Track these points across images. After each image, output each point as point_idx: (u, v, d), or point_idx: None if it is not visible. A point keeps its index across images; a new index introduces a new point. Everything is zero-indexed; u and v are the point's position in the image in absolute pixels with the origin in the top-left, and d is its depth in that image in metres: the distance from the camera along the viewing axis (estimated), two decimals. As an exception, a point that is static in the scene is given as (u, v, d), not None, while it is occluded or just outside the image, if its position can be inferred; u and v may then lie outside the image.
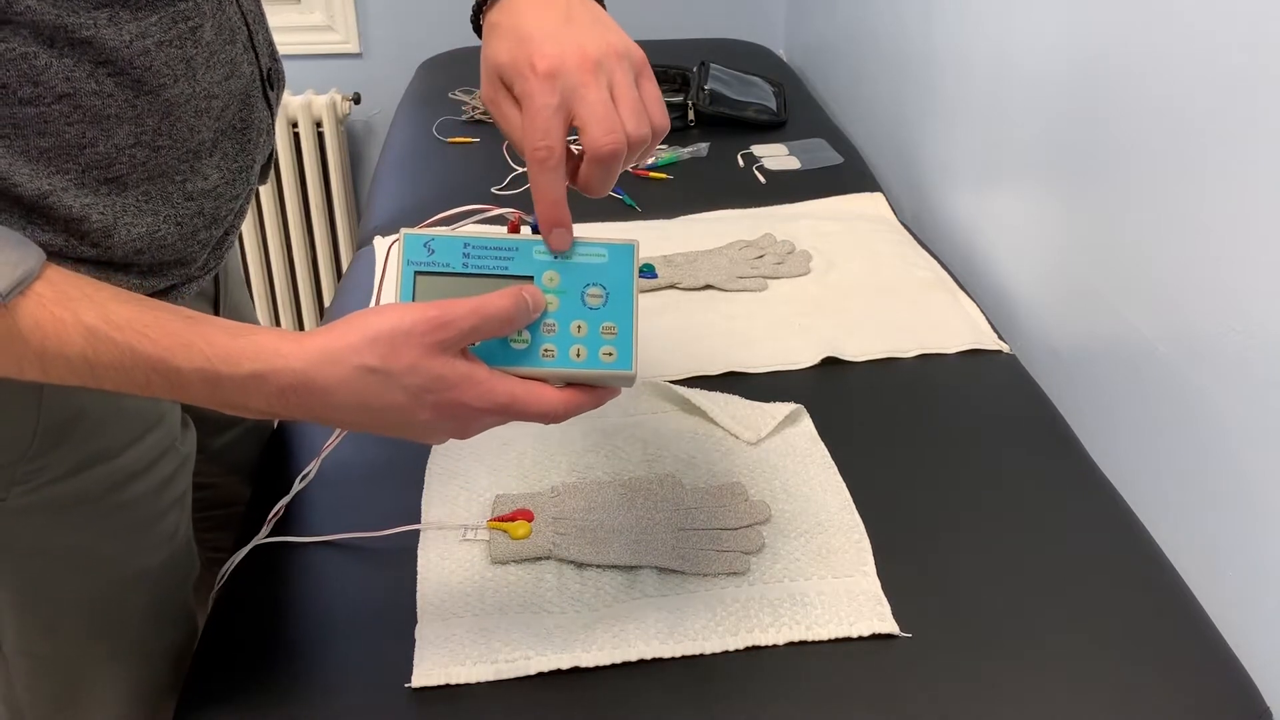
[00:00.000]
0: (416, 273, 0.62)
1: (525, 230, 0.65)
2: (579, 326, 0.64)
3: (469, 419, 0.60)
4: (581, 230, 0.65)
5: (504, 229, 0.66)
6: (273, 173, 2.15)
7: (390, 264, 0.72)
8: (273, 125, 0.81)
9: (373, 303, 1.15)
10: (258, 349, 0.56)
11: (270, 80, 0.79)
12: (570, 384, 0.63)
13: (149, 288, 0.70)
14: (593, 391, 0.64)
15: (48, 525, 0.73)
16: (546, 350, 0.63)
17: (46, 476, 0.71)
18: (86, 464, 0.73)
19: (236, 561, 0.81)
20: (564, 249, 0.64)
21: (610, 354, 0.65)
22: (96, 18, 0.59)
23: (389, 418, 0.58)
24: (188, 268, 0.73)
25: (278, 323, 2.34)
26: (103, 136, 0.63)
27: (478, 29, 0.69)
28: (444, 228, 0.63)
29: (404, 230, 0.63)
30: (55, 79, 0.59)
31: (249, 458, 1.01)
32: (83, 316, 0.55)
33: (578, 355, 0.64)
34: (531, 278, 0.63)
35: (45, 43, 0.58)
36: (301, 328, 2.36)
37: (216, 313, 0.88)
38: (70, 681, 0.80)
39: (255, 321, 1.01)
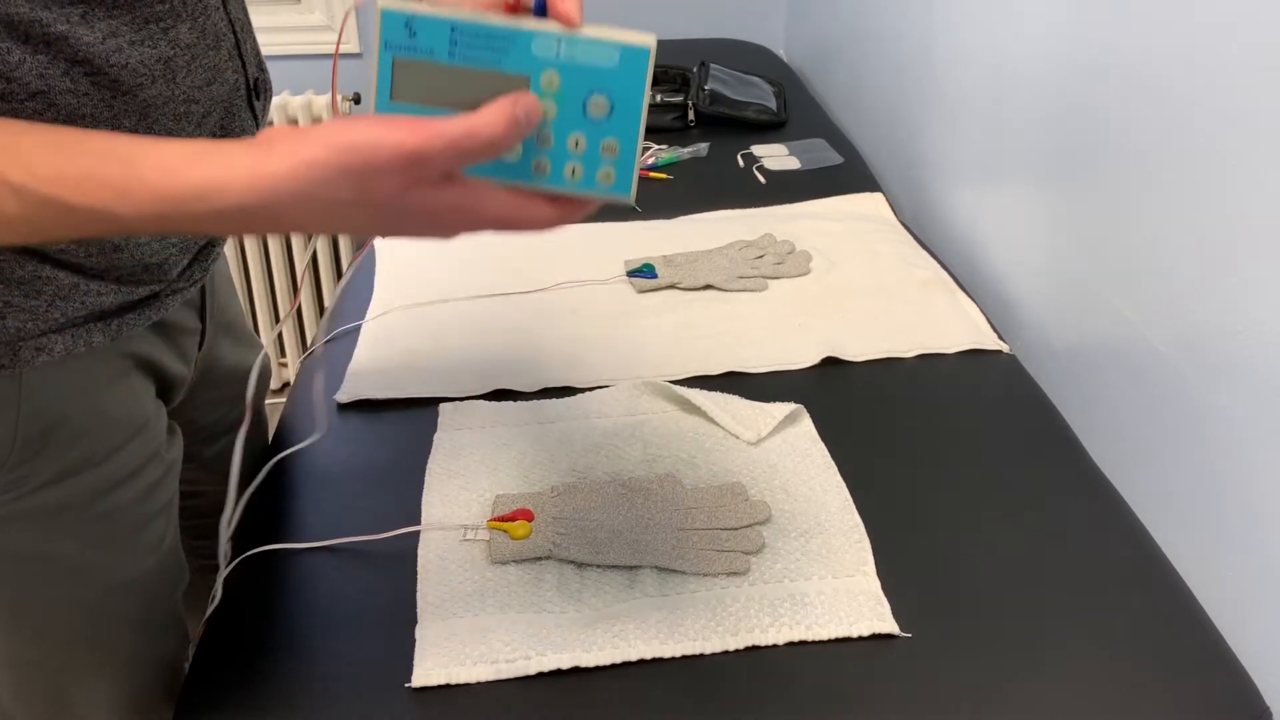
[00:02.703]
0: (395, 59, 0.55)
1: (526, 17, 0.56)
2: (577, 141, 0.57)
3: (450, 232, 0.56)
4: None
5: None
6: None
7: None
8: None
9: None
10: (202, 189, 0.51)
11: (256, 90, 0.78)
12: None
13: (126, 294, 0.70)
14: (584, 202, 0.59)
15: (32, 534, 0.72)
16: (538, 165, 0.57)
17: (29, 485, 0.70)
18: (70, 472, 0.72)
19: (236, 562, 0.81)
20: (577, 22, 0.55)
21: (609, 176, 0.57)
22: (69, 13, 0.59)
23: (366, 230, 0.55)
24: (166, 275, 0.72)
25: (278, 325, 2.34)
26: None
27: None
28: (429, 5, 0.55)
29: (381, 2, 0.54)
30: (29, 76, 0.58)
31: (242, 465, 1.00)
32: (8, 175, 0.51)
33: (572, 174, 0.57)
34: (528, 78, 0.55)
35: (19, 39, 0.57)
36: (303, 331, 2.36)
37: (203, 323, 0.86)
38: (59, 690, 0.80)
39: (246, 330, 0.99)
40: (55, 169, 0.51)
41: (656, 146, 1.54)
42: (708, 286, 1.18)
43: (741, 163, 1.53)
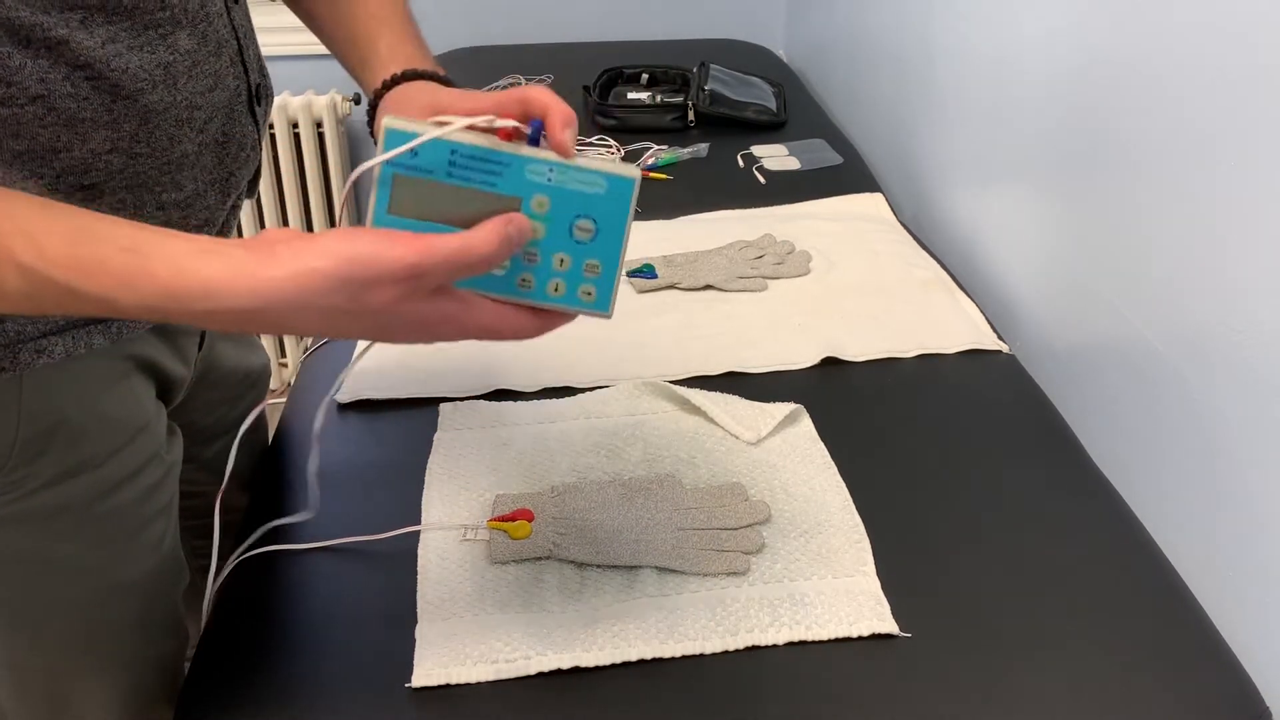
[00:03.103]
0: (396, 175, 0.57)
1: (521, 145, 0.59)
2: (562, 260, 0.60)
3: (436, 339, 0.58)
4: None
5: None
6: (273, 172, 2.16)
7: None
8: (259, 141, 0.80)
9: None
10: (205, 286, 0.52)
11: (258, 96, 0.79)
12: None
13: None
14: (567, 315, 0.62)
15: (32, 535, 0.72)
16: (524, 280, 0.60)
17: (29, 486, 0.70)
18: (70, 473, 0.72)
19: (237, 561, 0.81)
20: (571, 154, 0.58)
21: (589, 293, 0.61)
22: (69, 18, 0.59)
23: (351, 334, 0.57)
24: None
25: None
26: (78, 141, 0.62)
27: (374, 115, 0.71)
28: (431, 127, 0.57)
29: (387, 121, 0.56)
30: (29, 80, 0.59)
31: (242, 465, 1.00)
32: (17, 255, 0.52)
33: (555, 290, 0.60)
34: (520, 199, 0.58)
35: (20, 43, 0.57)
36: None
37: (201, 341, 0.86)
38: (58, 692, 0.80)
39: (254, 343, 0.99)
40: (65, 252, 0.52)
41: (656, 146, 1.54)
42: (708, 287, 1.18)
43: (741, 163, 1.53)
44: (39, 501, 0.71)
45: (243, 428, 0.86)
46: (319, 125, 2.14)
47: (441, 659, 0.72)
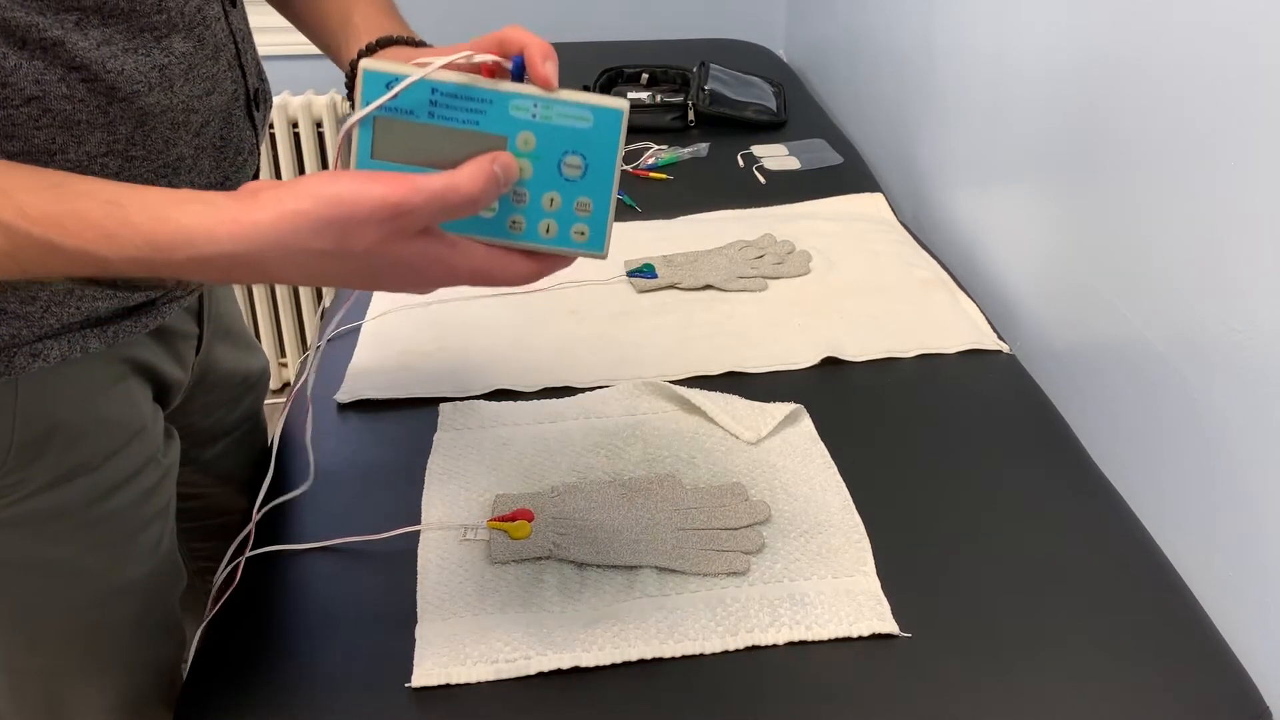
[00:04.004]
0: (376, 117, 0.56)
1: (504, 81, 0.57)
2: (551, 199, 0.58)
3: (428, 286, 0.57)
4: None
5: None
6: (273, 173, 2.16)
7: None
8: (257, 145, 0.80)
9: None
10: (190, 234, 0.51)
11: (256, 100, 0.78)
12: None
13: (122, 301, 0.70)
14: (561, 258, 0.61)
15: (29, 539, 0.72)
16: (514, 222, 0.58)
17: (25, 490, 0.70)
18: (66, 477, 0.72)
19: (236, 561, 0.81)
20: (554, 87, 0.56)
21: (582, 233, 0.59)
22: (64, 20, 0.59)
23: (344, 282, 0.56)
24: (164, 282, 0.72)
25: (280, 324, 2.34)
26: (73, 143, 0.62)
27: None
28: (410, 66, 0.56)
29: (364, 64, 0.55)
30: (24, 81, 0.58)
31: (239, 467, 1.00)
32: None
33: (547, 231, 0.59)
34: (505, 138, 0.57)
35: (15, 43, 0.57)
36: (302, 331, 2.36)
37: (200, 328, 0.86)
38: (56, 696, 0.80)
39: (245, 336, 0.99)
40: (43, 208, 0.51)
41: (656, 146, 1.54)
42: (708, 286, 1.18)
43: (741, 163, 1.53)
44: (35, 505, 0.71)
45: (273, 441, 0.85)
46: (319, 125, 2.14)
47: (441, 659, 0.72)
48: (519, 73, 0.57)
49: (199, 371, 0.88)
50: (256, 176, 0.81)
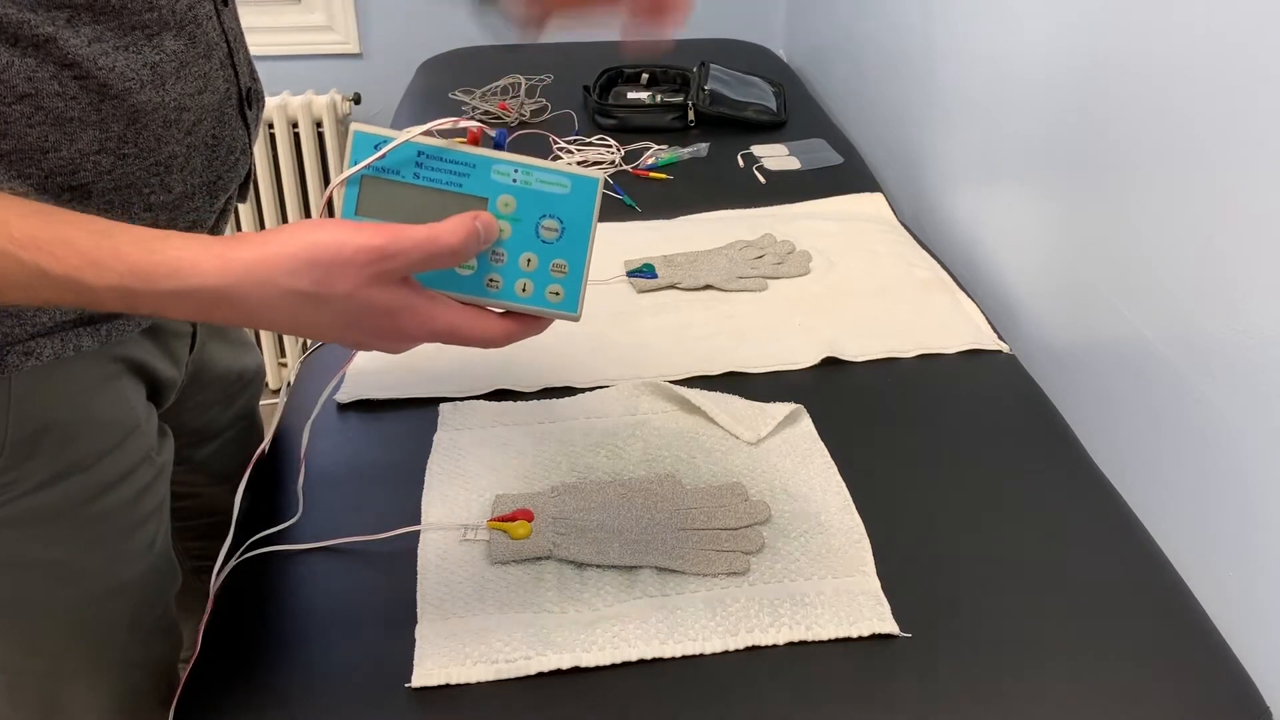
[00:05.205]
0: (363, 176, 0.58)
1: (487, 147, 0.60)
2: (529, 260, 0.61)
3: (404, 341, 0.59)
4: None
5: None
6: (273, 172, 2.16)
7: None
8: (250, 145, 0.80)
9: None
10: (175, 265, 0.52)
11: (249, 99, 0.78)
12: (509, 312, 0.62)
13: None
14: (534, 322, 0.62)
15: (24, 538, 0.72)
16: (491, 280, 0.61)
17: (20, 489, 0.70)
18: (60, 476, 0.72)
19: (235, 562, 0.81)
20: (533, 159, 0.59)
21: (557, 294, 0.62)
22: (55, 16, 0.59)
23: (319, 333, 0.57)
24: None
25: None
26: (65, 140, 0.62)
27: None
28: (398, 131, 0.59)
29: (354, 125, 0.59)
30: (16, 78, 0.59)
31: (233, 466, 1.00)
32: None
33: (523, 290, 0.61)
34: (486, 200, 0.60)
35: (7, 41, 0.58)
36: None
37: (194, 326, 0.86)
38: (52, 695, 0.80)
39: (240, 334, 1.00)
40: (31, 233, 0.52)
41: (656, 146, 1.54)
42: (708, 286, 1.18)
43: (741, 163, 1.53)
44: (30, 504, 0.71)
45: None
46: (319, 125, 2.14)
47: (441, 659, 0.72)
48: (501, 144, 0.60)
49: (193, 370, 0.88)
50: (250, 176, 0.82)
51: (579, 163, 1.45)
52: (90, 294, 0.53)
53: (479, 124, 0.61)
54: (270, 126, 2.12)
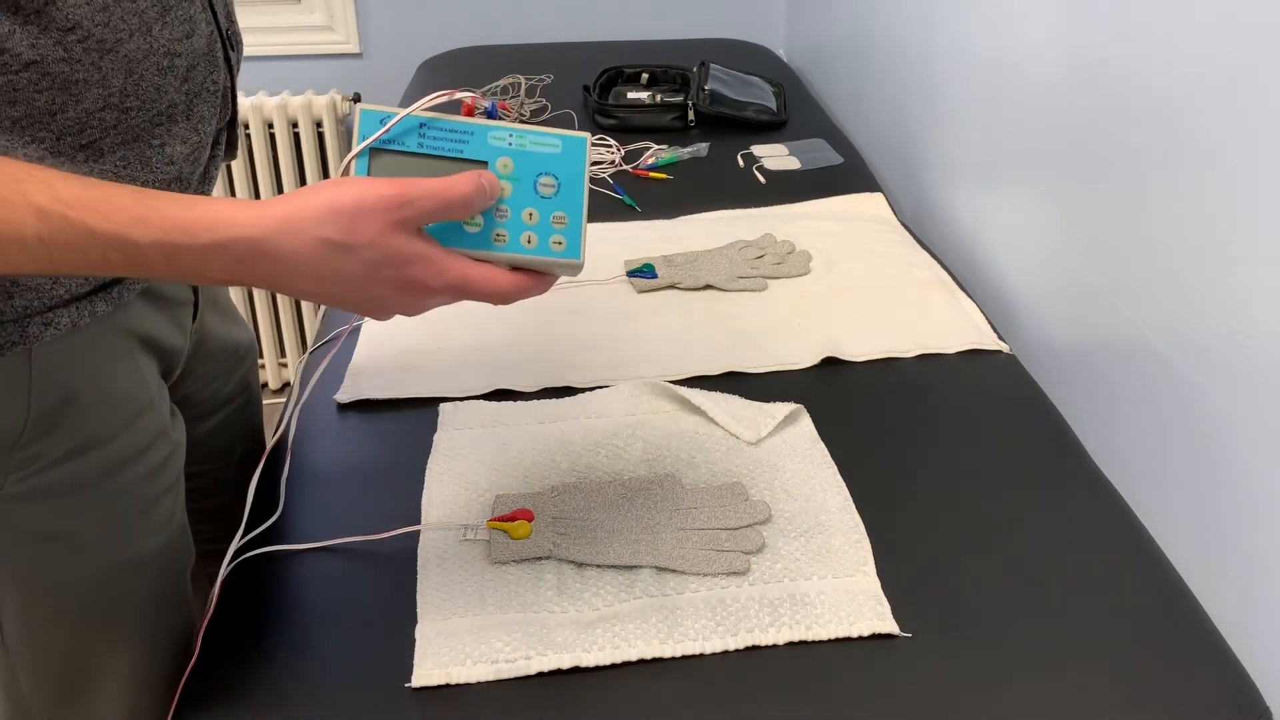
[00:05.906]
0: (372, 149, 0.63)
1: (481, 116, 0.66)
2: (530, 214, 0.66)
3: (422, 295, 0.62)
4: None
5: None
6: (273, 172, 2.16)
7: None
8: (233, 89, 0.82)
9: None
10: (214, 219, 0.56)
11: (230, 41, 0.80)
12: (517, 268, 0.66)
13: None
14: (540, 279, 0.66)
15: (44, 512, 0.74)
16: (498, 235, 0.65)
17: (40, 463, 0.72)
18: (79, 450, 0.74)
19: (235, 562, 0.81)
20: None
21: (560, 243, 0.66)
22: None
23: (344, 289, 0.60)
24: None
25: (279, 323, 2.34)
26: (72, 101, 0.64)
27: None
28: (401, 109, 0.65)
29: (360, 105, 0.64)
30: (21, 46, 0.60)
31: (237, 441, 1.02)
32: (33, 198, 0.54)
33: (528, 242, 0.66)
34: (486, 163, 0.65)
35: (8, 9, 0.59)
36: (303, 332, 2.37)
37: (195, 312, 0.88)
38: (75, 670, 0.81)
39: (231, 307, 1.02)
40: (76, 194, 0.55)
41: (656, 146, 1.54)
42: (708, 286, 1.18)
43: (741, 163, 1.53)
44: (51, 478, 0.73)
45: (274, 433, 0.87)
46: (319, 125, 2.14)
47: (441, 659, 0.72)
48: (493, 114, 0.64)
49: (196, 340, 0.90)
50: (233, 121, 0.84)
51: None
52: (135, 251, 0.56)
53: (471, 93, 0.65)
54: (270, 126, 2.12)
